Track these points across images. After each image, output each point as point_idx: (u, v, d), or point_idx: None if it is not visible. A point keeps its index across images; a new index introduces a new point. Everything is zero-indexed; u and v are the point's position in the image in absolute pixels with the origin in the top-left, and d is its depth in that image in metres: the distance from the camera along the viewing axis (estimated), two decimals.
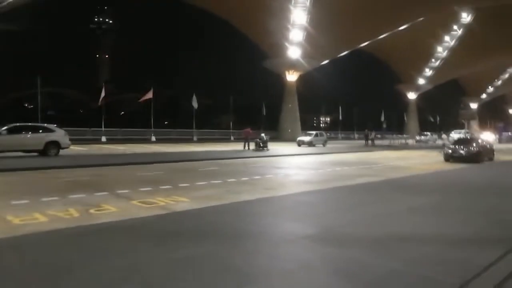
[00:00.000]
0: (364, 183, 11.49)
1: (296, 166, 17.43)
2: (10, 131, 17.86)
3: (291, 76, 49.26)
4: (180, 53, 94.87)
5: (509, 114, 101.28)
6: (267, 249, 4.89)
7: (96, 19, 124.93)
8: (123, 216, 6.65)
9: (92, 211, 7.22)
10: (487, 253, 4.75)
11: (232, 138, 45.08)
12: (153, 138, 37.79)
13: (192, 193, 9.40)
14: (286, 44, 45.44)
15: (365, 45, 54.07)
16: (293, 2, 40.73)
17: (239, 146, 28.53)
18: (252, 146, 26.68)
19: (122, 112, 68.78)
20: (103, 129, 35.84)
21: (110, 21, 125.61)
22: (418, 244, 5.16)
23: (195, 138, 41.52)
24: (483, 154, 19.81)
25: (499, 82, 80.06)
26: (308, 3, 40.56)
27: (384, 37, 50.15)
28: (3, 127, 17.89)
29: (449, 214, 7.14)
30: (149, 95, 36.24)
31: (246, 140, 27.33)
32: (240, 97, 55.81)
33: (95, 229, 5.67)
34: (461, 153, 19.31)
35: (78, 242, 5.02)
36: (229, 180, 11.91)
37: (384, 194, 9.40)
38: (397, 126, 70.21)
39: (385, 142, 42.83)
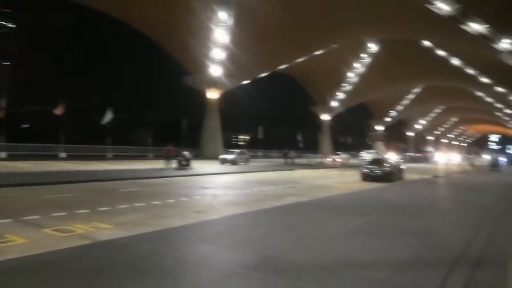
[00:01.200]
0: (293, 203, 11.52)
1: (223, 185, 17.03)
2: None
3: (213, 94, 49.06)
4: (92, 65, 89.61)
5: (407, 137, 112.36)
6: (211, 284, 4.43)
7: None
8: (35, 249, 5.68)
9: None
10: (432, 275, 4.85)
11: (150, 155, 43.10)
12: (63, 155, 34.61)
13: (115, 218, 8.51)
14: (208, 62, 45.27)
15: (285, 68, 56.23)
16: (215, 21, 40.86)
17: (158, 164, 27.25)
18: (174, 164, 25.69)
19: (27, 125, 62.36)
20: (2, 143, 31.90)
21: (11, 25, 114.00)
22: (365, 269, 5.12)
23: (110, 155, 38.84)
24: (395, 174, 21.37)
25: (400, 108, 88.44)
26: (230, 23, 40.99)
27: (302, 61, 52.65)
28: None
29: (384, 235, 7.30)
30: (60, 108, 33.28)
31: (167, 158, 26.19)
32: (160, 113, 53.98)
33: None
34: (377, 173, 20.59)
35: None
36: (154, 202, 11.10)
37: (316, 215, 9.43)
38: (312, 146, 73.48)
39: (303, 161, 44.37)
